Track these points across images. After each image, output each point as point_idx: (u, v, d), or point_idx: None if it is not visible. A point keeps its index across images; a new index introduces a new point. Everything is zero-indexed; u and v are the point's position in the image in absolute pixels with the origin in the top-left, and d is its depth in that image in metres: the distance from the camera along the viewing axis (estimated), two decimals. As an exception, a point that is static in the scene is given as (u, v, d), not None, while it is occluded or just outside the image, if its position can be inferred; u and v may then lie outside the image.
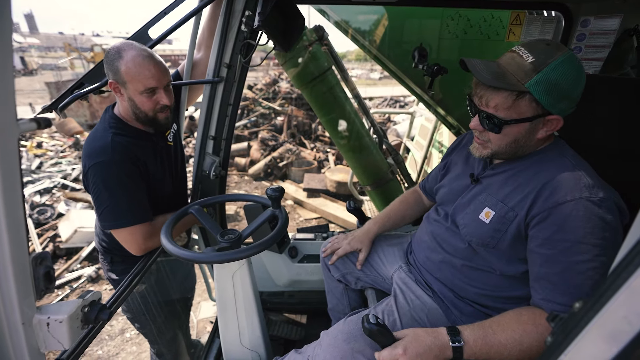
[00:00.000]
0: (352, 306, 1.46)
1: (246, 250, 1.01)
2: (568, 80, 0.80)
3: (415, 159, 4.30)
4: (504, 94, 0.83)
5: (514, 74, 0.82)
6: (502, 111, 0.84)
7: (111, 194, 1.14)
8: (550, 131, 0.87)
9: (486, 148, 0.94)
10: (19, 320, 0.55)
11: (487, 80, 0.83)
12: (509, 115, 0.84)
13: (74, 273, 3.79)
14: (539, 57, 0.80)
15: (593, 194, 0.78)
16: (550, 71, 0.79)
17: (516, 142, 0.88)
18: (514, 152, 0.91)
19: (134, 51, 1.12)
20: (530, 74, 0.80)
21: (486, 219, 0.93)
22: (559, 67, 0.79)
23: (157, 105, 1.20)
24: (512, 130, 0.86)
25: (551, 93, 0.80)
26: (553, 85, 0.79)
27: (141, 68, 1.12)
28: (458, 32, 1.89)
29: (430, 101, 2.31)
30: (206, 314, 2.76)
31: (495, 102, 0.84)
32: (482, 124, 0.90)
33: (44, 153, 7.73)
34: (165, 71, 1.18)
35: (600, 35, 1.42)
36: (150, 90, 1.16)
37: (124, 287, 1.11)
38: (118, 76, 1.12)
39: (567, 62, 0.80)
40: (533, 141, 0.89)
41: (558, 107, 0.82)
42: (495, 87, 0.83)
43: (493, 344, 0.80)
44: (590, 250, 0.76)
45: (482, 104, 0.87)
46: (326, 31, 2.21)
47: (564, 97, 0.81)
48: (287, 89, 11.10)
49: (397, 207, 1.40)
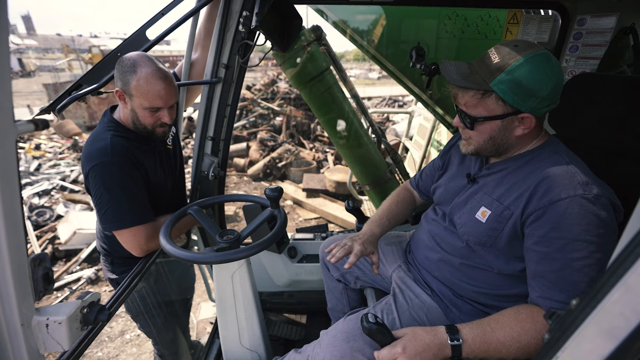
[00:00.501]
0: (351, 305, 1.47)
1: (245, 250, 1.01)
2: (531, 80, 0.81)
3: (414, 158, 4.31)
4: (471, 93, 0.88)
5: (481, 74, 0.87)
6: (471, 109, 0.90)
7: (112, 196, 1.14)
8: (527, 129, 0.89)
9: (470, 144, 0.98)
10: (17, 321, 0.55)
11: (454, 81, 0.89)
12: (478, 113, 0.89)
13: (73, 275, 3.78)
14: (504, 58, 0.84)
15: (587, 191, 0.79)
16: (511, 71, 0.82)
17: (492, 139, 0.92)
18: (495, 149, 0.94)
19: (149, 69, 1.11)
20: (495, 73, 0.84)
21: (482, 218, 0.94)
22: (521, 67, 0.81)
23: (158, 122, 1.21)
24: (485, 128, 0.91)
25: (516, 92, 0.83)
26: (516, 85, 0.82)
27: (152, 87, 1.12)
28: (455, 31, 1.89)
29: (429, 100, 2.32)
30: (206, 315, 2.76)
31: (465, 100, 0.90)
32: (461, 121, 0.95)
33: (43, 155, 7.71)
34: (174, 93, 1.19)
35: (597, 33, 1.43)
36: (154, 109, 1.17)
37: (123, 288, 1.11)
38: (127, 87, 1.13)
39: (531, 62, 0.81)
40: (512, 139, 0.91)
41: (527, 105, 0.84)
42: (461, 86, 0.89)
43: (491, 341, 0.80)
44: (586, 247, 0.76)
45: (458, 103, 0.94)
46: (324, 31, 2.21)
47: (530, 96, 0.83)
48: (285, 89, 11.10)
49: (394, 207, 1.36)
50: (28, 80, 26.15)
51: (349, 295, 1.46)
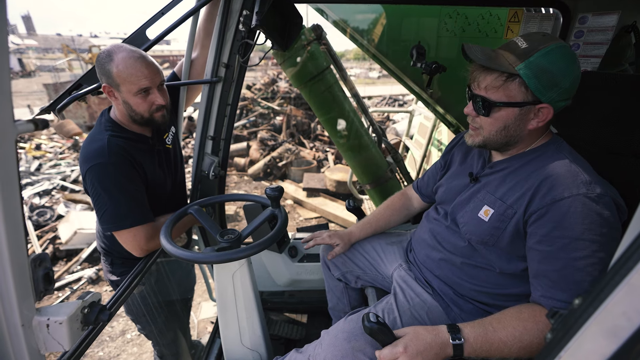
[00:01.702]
0: (352, 305, 1.47)
1: (246, 250, 1.01)
2: (557, 68, 0.81)
3: (414, 157, 4.30)
4: (495, 75, 0.86)
5: (506, 58, 0.85)
6: (492, 92, 0.87)
7: (110, 196, 1.14)
8: (541, 122, 0.87)
9: (478, 135, 0.95)
10: (18, 322, 0.55)
11: (479, 60, 0.86)
12: (498, 98, 0.86)
13: (74, 275, 3.79)
14: (532, 44, 0.83)
15: (590, 190, 0.78)
16: (540, 56, 0.81)
17: (506, 128, 0.89)
18: (505, 141, 0.92)
19: (124, 53, 1.11)
20: (522, 57, 0.82)
21: (485, 217, 0.93)
22: (549, 54, 0.81)
23: (153, 106, 1.20)
24: (502, 115, 0.88)
25: (540, 78, 0.81)
26: (542, 71, 0.81)
27: (133, 69, 1.11)
28: (456, 30, 1.89)
29: (429, 99, 2.31)
30: (207, 314, 2.76)
31: (486, 82, 0.87)
32: (474, 107, 0.92)
33: (43, 155, 7.72)
34: (157, 70, 1.17)
35: (598, 32, 1.42)
36: (143, 90, 1.15)
37: (123, 288, 1.11)
38: (111, 79, 1.12)
39: (558, 51, 0.81)
40: (524, 131, 0.90)
41: (548, 95, 0.83)
42: (486, 66, 0.86)
43: (493, 341, 0.80)
44: (589, 247, 0.76)
45: (475, 87, 0.90)
46: (324, 30, 2.20)
47: (553, 85, 0.82)
48: (285, 88, 11.09)
49: (382, 212, 1.41)
50: (28, 80, 26.15)
51: (349, 294, 1.46)
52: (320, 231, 1.40)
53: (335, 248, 1.33)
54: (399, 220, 1.40)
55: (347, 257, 1.38)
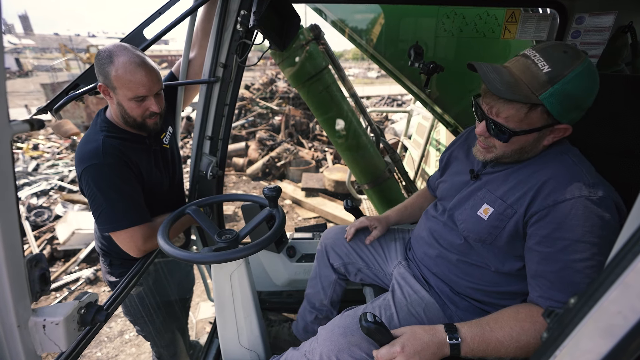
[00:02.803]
0: (332, 300, 1.44)
1: (243, 250, 1.01)
2: (583, 92, 0.78)
3: (412, 157, 4.31)
4: (517, 106, 0.80)
5: (528, 85, 0.78)
6: (512, 123, 0.82)
7: (106, 197, 1.13)
8: (557, 138, 0.86)
9: (490, 153, 0.93)
10: (14, 322, 0.55)
11: (499, 92, 0.79)
12: (519, 127, 0.83)
13: (72, 275, 3.77)
14: (556, 67, 0.76)
15: (592, 192, 0.78)
16: (566, 83, 0.76)
17: (522, 149, 0.88)
18: (518, 157, 0.91)
19: (125, 57, 1.09)
20: (545, 85, 0.77)
21: (484, 215, 0.93)
22: (575, 79, 0.76)
23: (146, 112, 1.18)
24: (520, 139, 0.85)
25: (564, 104, 0.78)
26: (568, 97, 0.77)
27: (132, 76, 1.09)
28: (454, 30, 1.89)
29: (427, 99, 2.31)
30: (205, 315, 2.76)
31: (507, 114, 0.82)
32: (489, 130, 0.88)
33: (41, 155, 7.69)
34: (156, 79, 1.16)
35: (595, 32, 1.43)
36: (139, 98, 1.14)
37: (121, 289, 1.10)
38: (108, 81, 1.11)
39: (585, 73, 0.77)
40: (539, 148, 0.88)
41: (569, 117, 0.81)
42: (508, 99, 0.80)
43: (490, 341, 0.80)
44: (589, 249, 0.76)
45: (492, 113, 0.85)
46: (322, 30, 2.20)
47: (576, 108, 0.80)
48: (284, 88, 11.09)
49: (415, 199, 1.43)
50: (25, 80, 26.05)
51: (335, 289, 1.44)
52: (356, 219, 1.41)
53: (374, 232, 1.33)
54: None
55: (352, 248, 1.37)
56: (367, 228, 1.36)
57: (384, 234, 1.36)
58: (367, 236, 1.36)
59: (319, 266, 1.45)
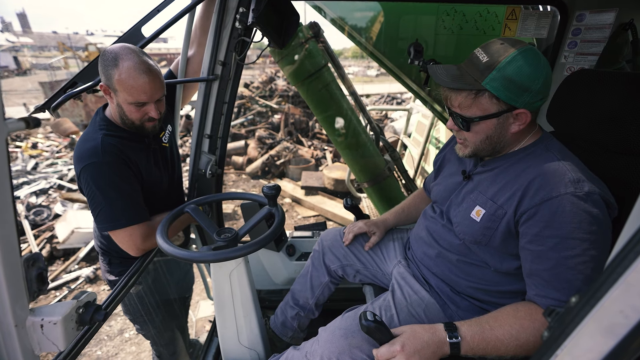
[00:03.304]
0: (317, 301, 1.43)
1: (242, 248, 1.01)
2: (523, 75, 0.81)
3: (412, 155, 4.31)
4: (464, 94, 0.87)
5: (471, 74, 0.86)
6: (465, 110, 0.89)
7: (105, 196, 1.13)
8: (523, 125, 0.88)
9: (466, 147, 0.97)
10: (11, 322, 0.55)
11: (445, 83, 0.88)
12: (473, 113, 0.88)
13: (71, 274, 3.77)
14: (492, 56, 0.84)
15: (578, 188, 0.79)
16: (502, 68, 0.82)
17: (489, 138, 0.91)
18: (492, 148, 0.94)
19: (130, 62, 1.08)
20: (485, 71, 0.83)
21: (477, 217, 0.94)
22: (511, 64, 0.81)
23: (145, 116, 1.18)
24: (481, 127, 0.90)
25: (509, 88, 0.82)
26: (508, 81, 0.81)
27: (134, 82, 1.08)
28: (454, 27, 1.88)
29: (427, 97, 2.31)
30: (205, 313, 2.76)
31: (458, 101, 0.89)
32: (455, 123, 0.94)
33: (40, 154, 7.67)
34: (159, 87, 1.15)
35: (596, 29, 1.42)
36: (140, 103, 1.14)
37: (120, 288, 1.10)
38: (110, 82, 1.10)
39: (519, 58, 0.81)
40: (508, 136, 0.91)
41: (521, 100, 0.83)
42: (453, 88, 0.88)
43: (490, 339, 0.80)
44: (579, 245, 0.77)
45: (450, 105, 0.92)
46: (322, 28, 2.19)
47: (523, 91, 0.82)
48: (283, 86, 11.07)
49: (412, 201, 1.43)
50: (24, 79, 25.96)
51: (323, 291, 1.42)
52: (353, 223, 1.40)
53: (372, 238, 1.33)
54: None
55: (349, 250, 1.37)
56: (365, 233, 1.36)
57: (382, 238, 1.36)
58: (365, 240, 1.36)
59: (312, 266, 1.44)
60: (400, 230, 1.41)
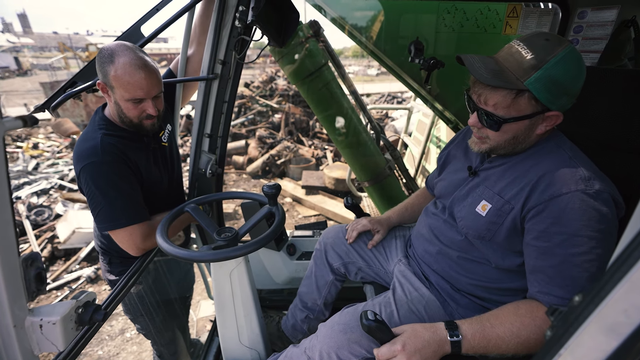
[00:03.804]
0: (325, 300, 1.43)
1: (242, 248, 1.00)
2: (568, 77, 0.79)
3: (413, 154, 4.30)
4: (503, 93, 0.81)
5: (513, 72, 0.80)
6: (501, 109, 0.83)
7: (104, 196, 1.12)
8: (549, 127, 0.86)
9: (484, 143, 0.93)
10: (10, 322, 0.54)
11: (485, 79, 0.81)
12: (508, 114, 0.83)
13: (72, 274, 3.77)
14: (539, 54, 0.78)
15: (589, 186, 0.78)
16: (550, 68, 0.77)
17: (515, 138, 0.88)
18: (512, 148, 0.91)
19: (126, 58, 1.07)
20: (530, 71, 0.78)
21: (482, 212, 0.93)
22: (559, 64, 0.77)
23: (143, 114, 1.17)
24: (511, 128, 0.86)
25: (551, 90, 0.79)
26: (553, 83, 0.78)
27: (130, 77, 1.08)
28: (454, 25, 1.87)
29: (428, 96, 2.30)
30: (206, 313, 2.76)
31: (494, 100, 0.83)
32: (480, 121, 0.89)
33: (41, 154, 7.69)
34: (156, 82, 1.15)
35: (598, 26, 1.41)
36: (137, 100, 1.13)
37: (120, 288, 1.10)
38: (106, 79, 1.09)
39: (568, 58, 0.78)
40: (532, 137, 0.88)
41: (558, 103, 0.81)
42: (494, 85, 0.81)
43: (491, 337, 0.80)
44: (586, 243, 0.76)
45: (481, 102, 0.86)
46: (322, 26, 2.18)
47: (564, 93, 0.80)
48: (284, 86, 11.06)
49: (415, 199, 1.42)
50: (24, 79, 26.00)
51: (330, 290, 1.42)
52: (357, 220, 1.39)
53: (376, 236, 1.33)
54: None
55: (352, 248, 1.36)
56: (369, 230, 1.35)
57: (385, 236, 1.35)
58: (368, 238, 1.35)
59: (316, 265, 1.44)
60: (403, 228, 1.40)
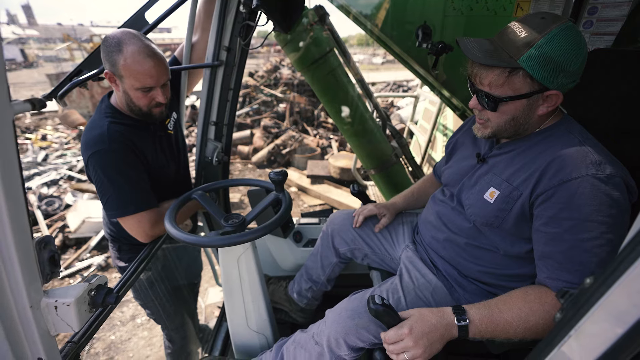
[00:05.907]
0: (329, 277, 1.48)
1: (250, 233, 1.01)
2: (563, 54, 0.76)
3: (419, 142, 4.26)
4: (497, 71, 0.82)
5: (507, 50, 0.80)
6: (496, 88, 0.83)
7: (112, 183, 1.14)
8: (551, 107, 0.84)
9: (487, 127, 0.93)
10: (27, 303, 0.56)
11: (477, 59, 0.82)
12: (503, 93, 0.83)
13: (84, 262, 3.86)
14: (532, 32, 0.77)
15: (600, 170, 0.76)
16: (543, 45, 0.76)
17: (515, 119, 0.87)
18: (514, 130, 0.90)
19: (135, 46, 1.07)
20: (523, 49, 0.78)
21: (491, 198, 0.92)
22: (552, 40, 0.76)
23: (152, 102, 1.18)
24: (509, 108, 0.85)
25: (546, 67, 0.77)
26: (547, 60, 0.77)
27: (140, 66, 1.08)
28: (463, 8, 1.82)
29: (435, 83, 2.25)
30: (214, 299, 2.81)
31: (489, 79, 0.83)
32: (480, 102, 0.89)
33: (49, 145, 7.78)
34: (164, 70, 1.15)
35: (613, 7, 1.36)
36: (146, 88, 1.13)
37: (130, 273, 1.12)
38: (115, 69, 1.09)
39: (562, 35, 0.76)
40: (534, 118, 0.87)
41: (556, 82, 0.79)
42: (486, 64, 0.82)
43: (499, 322, 0.80)
44: (597, 228, 0.75)
45: (478, 83, 0.87)
46: (327, 12, 2.14)
47: (560, 71, 0.78)
48: (288, 75, 10.95)
49: (421, 185, 1.42)
50: (31, 71, 26.12)
51: (334, 269, 1.46)
52: (363, 205, 1.40)
53: (382, 219, 1.33)
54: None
55: (358, 234, 1.37)
56: (375, 215, 1.35)
57: (392, 220, 1.35)
58: (374, 224, 1.35)
59: (322, 246, 1.47)
60: (410, 214, 1.40)
